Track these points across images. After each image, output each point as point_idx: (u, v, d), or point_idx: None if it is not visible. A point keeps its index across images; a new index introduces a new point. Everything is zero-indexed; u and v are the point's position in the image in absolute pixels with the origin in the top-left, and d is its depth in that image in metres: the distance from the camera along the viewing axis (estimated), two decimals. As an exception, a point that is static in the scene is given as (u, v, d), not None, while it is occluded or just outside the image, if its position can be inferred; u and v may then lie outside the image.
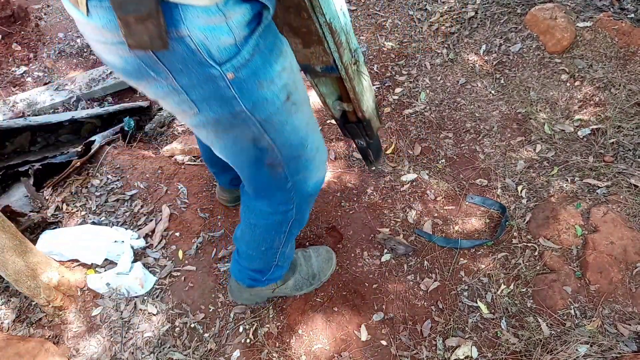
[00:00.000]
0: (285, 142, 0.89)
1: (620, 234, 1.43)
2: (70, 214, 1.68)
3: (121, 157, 1.85)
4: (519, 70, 1.98)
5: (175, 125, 2.13)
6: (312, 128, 0.95)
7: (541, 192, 1.61)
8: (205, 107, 0.77)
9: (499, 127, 1.83)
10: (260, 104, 0.79)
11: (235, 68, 0.72)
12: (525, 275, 1.43)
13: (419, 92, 1.98)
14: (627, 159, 1.63)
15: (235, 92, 0.75)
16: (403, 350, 1.33)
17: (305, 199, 1.08)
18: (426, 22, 2.23)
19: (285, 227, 1.13)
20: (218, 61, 0.70)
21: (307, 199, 1.09)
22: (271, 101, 0.80)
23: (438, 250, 1.52)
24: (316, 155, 0.99)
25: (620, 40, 1.94)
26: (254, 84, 0.76)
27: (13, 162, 1.90)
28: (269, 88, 0.78)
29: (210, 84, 0.73)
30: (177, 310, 1.43)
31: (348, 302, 1.43)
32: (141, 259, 1.54)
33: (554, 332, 1.32)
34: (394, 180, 1.71)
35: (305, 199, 1.08)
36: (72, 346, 1.38)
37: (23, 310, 1.45)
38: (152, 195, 1.71)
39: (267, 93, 0.78)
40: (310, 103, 0.95)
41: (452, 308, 1.40)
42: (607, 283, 1.37)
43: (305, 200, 1.08)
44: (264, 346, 1.35)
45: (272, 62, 0.76)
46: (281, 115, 0.84)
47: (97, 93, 2.42)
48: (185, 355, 1.35)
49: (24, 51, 2.77)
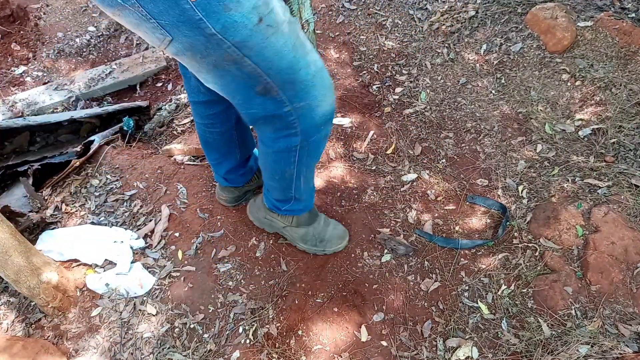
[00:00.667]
0: (272, 66, 0.88)
1: (621, 234, 1.43)
2: (69, 214, 1.68)
3: (120, 157, 1.84)
4: (519, 69, 1.98)
5: (174, 125, 2.12)
6: (301, 51, 0.92)
7: (542, 192, 1.61)
8: (177, 33, 0.78)
9: (499, 127, 1.82)
10: (230, 26, 0.79)
11: None
12: (526, 275, 1.43)
13: (419, 91, 1.98)
14: (628, 159, 1.63)
15: (201, 14, 0.76)
16: (403, 350, 1.33)
17: (314, 128, 1.05)
18: (426, 22, 2.23)
19: (293, 156, 1.12)
20: None
21: (316, 129, 1.06)
22: (241, 24, 0.79)
23: (438, 251, 1.52)
24: (315, 79, 0.96)
25: (621, 40, 1.94)
26: (219, 6, 0.76)
27: (12, 162, 1.90)
28: (237, 9, 0.78)
29: (176, 8, 0.74)
30: (177, 311, 1.43)
31: (348, 303, 1.43)
32: (140, 260, 1.53)
33: (554, 332, 1.31)
34: (394, 180, 1.70)
35: (314, 128, 1.05)
36: (72, 346, 1.38)
37: (22, 311, 1.45)
38: (151, 196, 1.71)
39: (235, 15, 0.78)
40: (297, 25, 0.92)
41: (452, 308, 1.39)
42: (608, 283, 1.36)
43: (315, 129, 1.06)
44: (263, 347, 1.35)
45: None
46: (257, 38, 0.83)
47: (96, 93, 2.41)
48: (185, 355, 1.34)
49: (23, 51, 2.76)
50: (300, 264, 1.50)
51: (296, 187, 1.24)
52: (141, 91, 2.47)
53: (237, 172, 1.50)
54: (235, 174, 1.50)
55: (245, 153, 1.46)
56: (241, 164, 1.48)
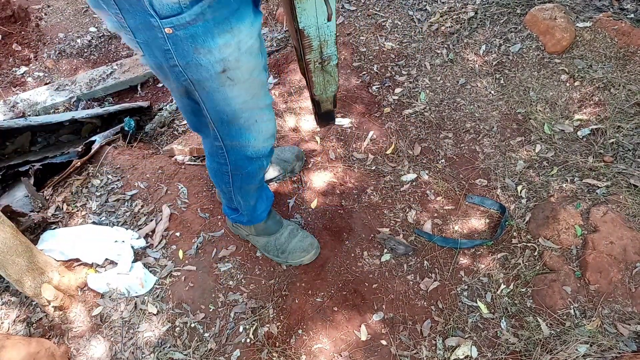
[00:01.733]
0: (215, 107, 0.96)
1: (620, 233, 1.43)
2: (70, 213, 1.68)
3: (121, 157, 1.85)
4: (518, 70, 1.98)
5: (175, 126, 2.13)
6: (252, 104, 0.99)
7: (541, 192, 1.61)
8: (148, 52, 0.84)
9: (498, 127, 1.83)
10: (193, 65, 0.85)
11: (174, 26, 0.77)
12: (525, 275, 1.43)
13: (418, 92, 1.98)
14: (627, 159, 1.64)
15: (170, 46, 0.81)
16: (403, 350, 1.33)
17: (244, 162, 1.13)
18: (426, 23, 2.23)
19: (226, 177, 1.20)
20: (159, 13, 0.75)
21: (247, 162, 1.13)
22: (205, 68, 0.85)
23: (438, 250, 1.52)
24: (252, 127, 1.03)
25: (619, 41, 1.95)
26: (190, 47, 0.81)
27: (13, 162, 1.90)
28: (205, 56, 0.83)
29: (151, 32, 0.79)
30: (178, 310, 1.44)
31: (348, 302, 1.43)
32: (141, 259, 1.54)
33: (553, 332, 1.32)
34: (394, 180, 1.71)
35: (244, 162, 1.13)
36: (73, 346, 1.38)
37: (23, 310, 1.46)
38: (152, 195, 1.71)
39: (202, 59, 0.84)
40: (261, 88, 0.99)
41: (451, 308, 1.40)
42: (607, 283, 1.37)
43: (245, 163, 1.13)
44: (264, 346, 1.36)
45: (215, 34, 0.81)
46: (213, 83, 0.89)
47: (97, 93, 2.42)
48: (186, 355, 1.35)
49: (25, 51, 2.77)
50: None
51: (236, 201, 1.32)
52: (142, 92, 2.47)
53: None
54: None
55: None
56: None
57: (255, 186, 1.28)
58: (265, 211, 1.42)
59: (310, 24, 1.01)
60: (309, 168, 1.77)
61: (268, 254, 1.51)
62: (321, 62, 1.14)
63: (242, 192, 1.28)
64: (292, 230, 1.50)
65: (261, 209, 1.40)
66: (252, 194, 1.30)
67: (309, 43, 1.06)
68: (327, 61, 1.15)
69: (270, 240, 1.48)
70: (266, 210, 1.42)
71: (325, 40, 1.08)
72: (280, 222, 1.50)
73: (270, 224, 1.46)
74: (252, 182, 1.23)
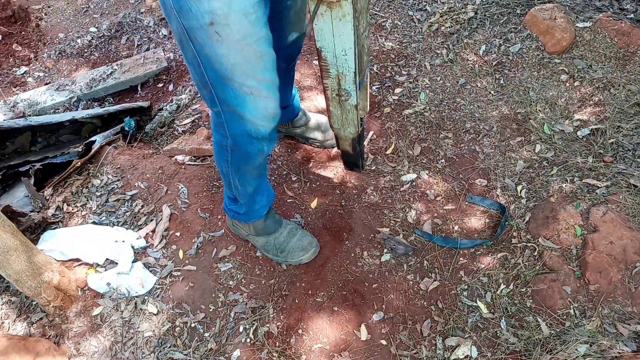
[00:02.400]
0: (208, 62, 0.95)
1: (620, 233, 1.43)
2: (70, 213, 1.68)
3: (122, 157, 1.85)
4: (518, 70, 1.98)
5: (175, 126, 2.13)
6: (244, 72, 0.97)
7: (541, 192, 1.61)
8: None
9: (498, 127, 1.83)
10: (185, 11, 0.87)
11: None
12: (525, 275, 1.44)
13: (418, 92, 1.99)
14: (627, 159, 1.64)
15: None
16: (403, 349, 1.33)
17: (244, 139, 1.11)
18: (426, 23, 2.24)
19: (225, 154, 1.20)
20: None
21: (246, 140, 1.11)
22: (195, 15, 0.87)
23: (438, 250, 1.52)
24: (248, 97, 1.01)
25: (619, 41, 1.95)
26: None
27: (14, 162, 1.90)
28: (195, 3, 0.85)
29: None
30: (178, 310, 1.44)
31: (348, 302, 1.43)
32: (142, 259, 1.54)
33: (553, 331, 1.32)
34: (394, 180, 1.71)
35: (244, 139, 1.11)
36: (73, 346, 1.39)
37: (24, 310, 1.46)
38: (152, 195, 1.71)
39: (192, 6, 0.86)
40: (260, 59, 0.97)
41: (451, 308, 1.40)
42: (607, 283, 1.37)
43: (245, 140, 1.11)
44: (264, 346, 1.36)
45: None
46: (203, 35, 0.89)
47: (97, 93, 2.42)
48: (186, 354, 1.35)
49: (25, 51, 2.77)
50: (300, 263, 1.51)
51: (234, 186, 1.31)
52: (142, 92, 2.47)
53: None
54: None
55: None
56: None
57: (254, 172, 1.26)
58: (265, 207, 1.42)
59: (327, 48, 0.93)
60: (309, 168, 1.77)
61: (267, 253, 1.51)
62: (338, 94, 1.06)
63: (240, 175, 1.26)
64: (291, 229, 1.50)
65: (260, 204, 1.39)
66: (251, 180, 1.29)
67: (327, 67, 0.98)
68: (344, 97, 1.06)
69: (270, 240, 1.48)
70: (266, 206, 1.42)
71: (342, 73, 0.97)
72: (280, 221, 1.50)
73: (269, 223, 1.46)
74: (250, 163, 1.21)
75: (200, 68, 0.99)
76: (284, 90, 1.55)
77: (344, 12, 0.84)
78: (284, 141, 1.86)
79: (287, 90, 1.57)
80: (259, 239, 1.49)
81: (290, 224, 1.52)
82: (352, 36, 0.88)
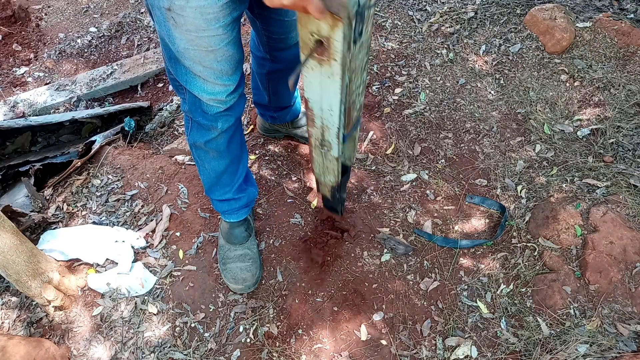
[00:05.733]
0: (162, 37, 1.01)
1: (620, 233, 1.43)
2: (70, 213, 1.68)
3: (122, 157, 1.85)
4: (518, 70, 1.98)
5: (175, 126, 2.13)
6: (194, 57, 1.00)
7: (541, 192, 1.61)
8: None
9: (498, 127, 1.83)
10: None
11: None
12: (525, 275, 1.44)
13: (418, 92, 1.99)
14: (627, 159, 1.64)
15: None
16: (403, 349, 1.33)
17: (196, 108, 1.13)
18: (426, 23, 2.24)
19: (187, 121, 1.22)
20: None
21: (198, 112, 1.13)
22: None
23: (438, 250, 1.52)
24: (196, 79, 1.05)
25: (619, 41, 1.95)
26: None
27: (14, 162, 1.90)
28: None
29: None
30: (178, 310, 1.44)
31: (348, 302, 1.43)
32: (142, 259, 1.54)
33: (553, 331, 1.32)
34: (394, 180, 1.71)
35: (196, 108, 1.13)
36: (73, 346, 1.39)
37: (23, 310, 1.46)
38: (152, 195, 1.71)
39: None
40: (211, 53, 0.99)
41: (451, 308, 1.40)
42: (607, 283, 1.37)
43: (196, 110, 1.13)
44: (264, 346, 1.36)
45: None
46: (161, 15, 0.93)
47: (97, 93, 2.42)
48: (186, 354, 1.35)
49: (25, 51, 2.77)
50: (300, 264, 1.51)
51: (195, 161, 1.33)
52: (142, 92, 2.48)
53: (267, 111, 1.68)
54: (264, 110, 1.69)
55: (275, 102, 1.60)
56: (269, 108, 1.65)
57: (213, 152, 1.24)
58: (230, 213, 1.41)
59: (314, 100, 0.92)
60: (309, 168, 1.77)
61: (218, 254, 1.51)
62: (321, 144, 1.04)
63: (197, 151, 1.26)
64: (245, 254, 1.45)
65: (222, 207, 1.40)
66: (211, 160, 1.27)
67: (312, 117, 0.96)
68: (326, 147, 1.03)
69: (224, 246, 1.48)
70: (231, 212, 1.41)
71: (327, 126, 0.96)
72: (244, 240, 1.46)
73: (235, 233, 1.45)
74: (203, 138, 1.20)
75: (162, 40, 1.05)
76: (286, 91, 1.56)
77: (332, 72, 0.82)
78: (284, 141, 1.86)
79: (288, 91, 1.57)
80: (220, 237, 1.50)
81: (252, 249, 1.47)
82: (340, 95, 0.86)
